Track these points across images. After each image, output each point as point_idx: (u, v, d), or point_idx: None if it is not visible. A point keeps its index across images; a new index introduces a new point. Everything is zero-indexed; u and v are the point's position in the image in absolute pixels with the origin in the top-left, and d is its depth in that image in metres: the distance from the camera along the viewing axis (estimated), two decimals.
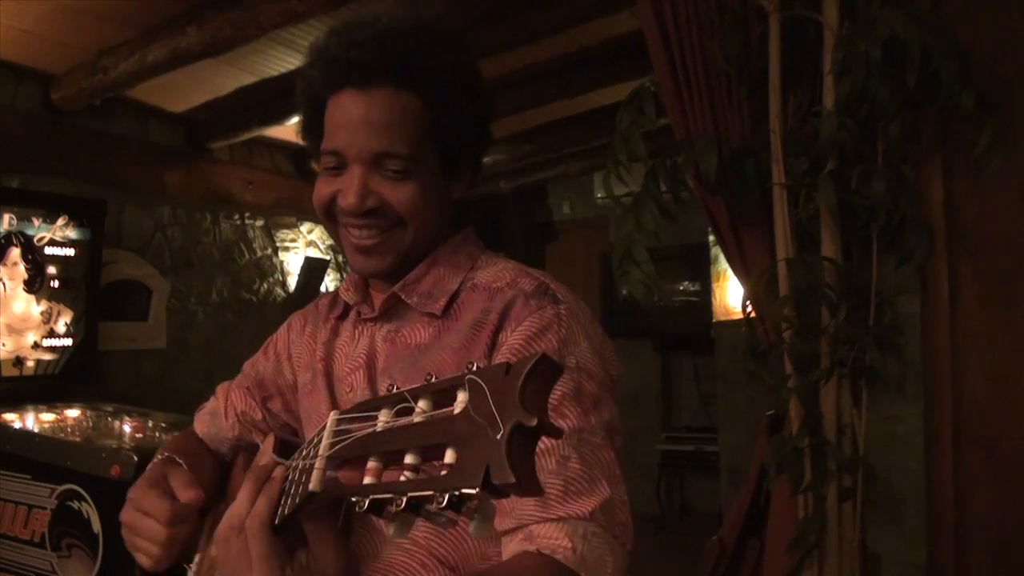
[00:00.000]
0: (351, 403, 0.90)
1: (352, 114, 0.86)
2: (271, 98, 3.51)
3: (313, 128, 0.93)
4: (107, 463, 2.11)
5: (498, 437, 0.43)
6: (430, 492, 0.46)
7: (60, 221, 3.17)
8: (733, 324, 3.51)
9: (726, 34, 1.63)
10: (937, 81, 1.49)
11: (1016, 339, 1.65)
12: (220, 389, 1.16)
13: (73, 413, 2.88)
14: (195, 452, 1.07)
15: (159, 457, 1.00)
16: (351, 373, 0.95)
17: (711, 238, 3.67)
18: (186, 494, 0.88)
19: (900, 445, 1.73)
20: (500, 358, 0.81)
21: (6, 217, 2.99)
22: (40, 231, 3.10)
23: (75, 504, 2.17)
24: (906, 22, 1.44)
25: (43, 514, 2.24)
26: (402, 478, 0.49)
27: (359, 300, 0.99)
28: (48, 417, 2.79)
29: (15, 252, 3.01)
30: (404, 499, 0.48)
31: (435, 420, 0.49)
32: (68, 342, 3.20)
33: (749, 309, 1.73)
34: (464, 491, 0.44)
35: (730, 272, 2.22)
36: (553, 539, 0.70)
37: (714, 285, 3.88)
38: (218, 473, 1.07)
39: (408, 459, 0.50)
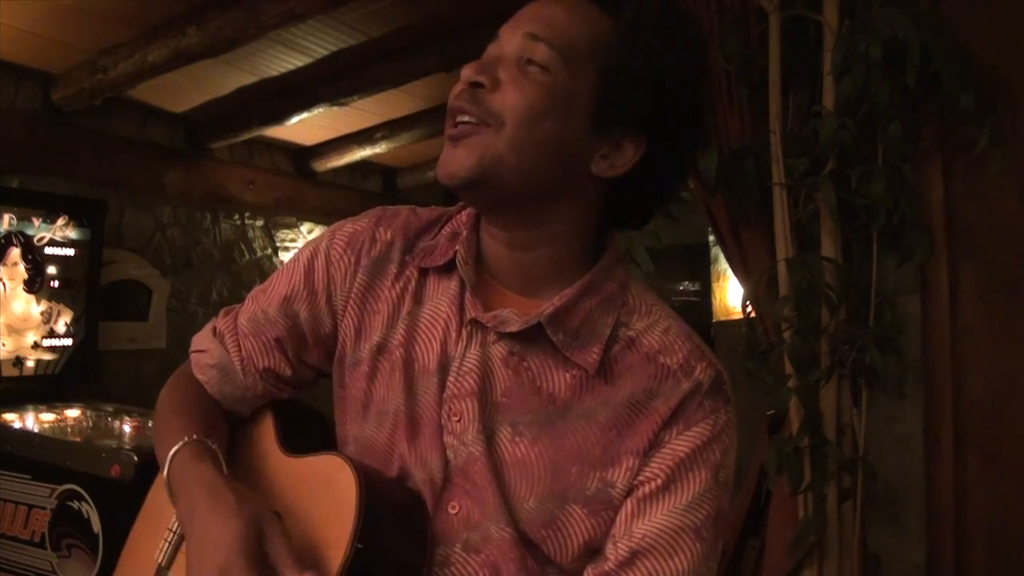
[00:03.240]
0: (457, 435, 0.75)
1: (533, 5, 0.77)
2: (271, 98, 3.51)
3: None
4: (107, 463, 2.11)
5: None
6: None
7: (60, 221, 3.17)
8: (733, 324, 3.51)
9: (726, 34, 1.63)
10: (937, 81, 1.50)
11: (1016, 339, 1.65)
12: (224, 332, 0.88)
13: (73, 413, 2.87)
14: (219, 424, 0.86)
15: (186, 440, 0.78)
16: (460, 398, 0.75)
17: (711, 238, 3.67)
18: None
19: (900, 445, 1.73)
20: (659, 460, 0.74)
21: (6, 217, 2.99)
22: (40, 231, 3.10)
23: (75, 504, 2.16)
24: (906, 22, 1.44)
25: (43, 514, 2.23)
26: None
27: (474, 280, 0.78)
28: (48, 417, 2.78)
29: (15, 252, 3.01)
30: None
31: None
32: (68, 342, 3.20)
33: (749, 309, 1.73)
34: None
35: (730, 272, 2.22)
36: None
37: (714, 285, 3.87)
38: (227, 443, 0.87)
39: None
